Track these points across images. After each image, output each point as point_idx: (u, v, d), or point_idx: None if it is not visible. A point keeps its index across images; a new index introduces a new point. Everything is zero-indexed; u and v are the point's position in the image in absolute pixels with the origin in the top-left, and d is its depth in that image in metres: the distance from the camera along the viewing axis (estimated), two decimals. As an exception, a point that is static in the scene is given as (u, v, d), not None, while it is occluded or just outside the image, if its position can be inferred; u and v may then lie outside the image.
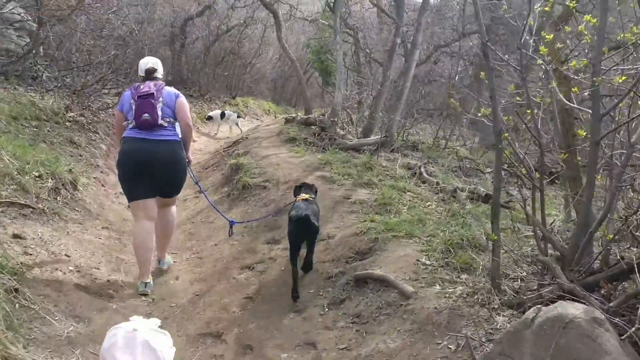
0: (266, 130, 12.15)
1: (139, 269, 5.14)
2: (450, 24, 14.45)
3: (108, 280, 5.18)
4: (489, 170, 8.90)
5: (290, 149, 10.01)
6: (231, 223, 6.02)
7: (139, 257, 5.10)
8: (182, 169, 5.22)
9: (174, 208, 5.65)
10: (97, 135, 9.92)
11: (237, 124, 15.03)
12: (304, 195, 5.40)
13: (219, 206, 7.80)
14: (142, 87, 4.99)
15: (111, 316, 4.45)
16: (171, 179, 5.18)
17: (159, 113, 4.90)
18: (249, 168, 8.66)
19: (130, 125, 4.97)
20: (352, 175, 7.80)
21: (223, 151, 11.15)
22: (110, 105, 11.55)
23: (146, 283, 5.08)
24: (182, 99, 5.20)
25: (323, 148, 9.90)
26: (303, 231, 4.91)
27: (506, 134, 3.73)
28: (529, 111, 3.86)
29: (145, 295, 5.04)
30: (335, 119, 10.49)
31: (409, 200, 7.01)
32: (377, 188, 7.29)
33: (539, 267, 3.87)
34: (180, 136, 5.19)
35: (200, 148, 13.25)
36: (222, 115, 14.93)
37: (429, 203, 7.08)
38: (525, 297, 3.46)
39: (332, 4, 12.15)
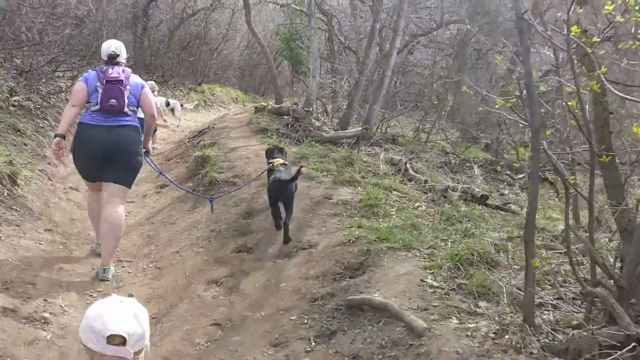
0: (235, 120, 11.18)
1: (96, 233, 5.30)
2: (427, 12, 13.64)
3: (45, 300, 4.23)
4: (476, 167, 8.13)
5: (262, 140, 9.09)
6: (210, 200, 6.01)
7: (95, 224, 5.24)
8: (136, 153, 5.01)
9: (122, 208, 5.05)
10: (46, 122, 8.83)
11: (173, 113, 13.47)
12: (280, 160, 5.85)
13: (182, 204, 6.88)
14: (110, 71, 4.81)
15: (43, 351, 3.51)
16: (126, 159, 4.93)
17: (126, 100, 4.82)
18: (217, 161, 7.72)
19: (93, 109, 4.81)
20: (332, 171, 6.95)
21: (187, 142, 10.16)
22: (64, 89, 10.45)
23: (105, 269, 4.89)
24: (147, 89, 5.12)
25: (297, 140, 9.00)
26: (287, 193, 5.37)
27: (548, 132, 2.91)
28: (570, 103, 3.05)
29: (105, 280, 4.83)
30: (310, 109, 9.60)
31: (396, 201, 6.21)
32: (361, 186, 6.46)
33: (583, 297, 3.08)
34: (138, 124, 5.06)
35: (163, 137, 12.19)
36: (167, 104, 13.54)
37: (418, 204, 6.29)
38: (576, 342, 2.66)
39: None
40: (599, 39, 3.25)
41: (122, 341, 1.82)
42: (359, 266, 4.25)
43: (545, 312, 3.29)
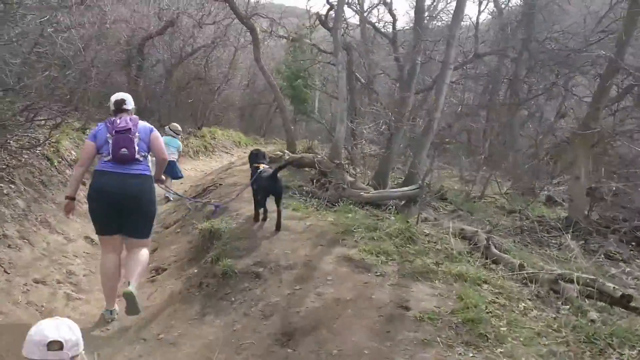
0: (245, 173, 9.22)
1: (105, 299, 5.00)
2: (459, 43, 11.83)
3: None
4: (568, 235, 6.13)
5: (285, 203, 7.13)
6: (216, 207, 6.80)
7: (105, 288, 4.99)
8: (150, 202, 5.02)
9: (146, 251, 5.04)
10: (12, 187, 6.84)
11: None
12: (264, 165, 6.48)
13: (186, 306, 4.88)
14: (118, 121, 4.84)
15: None
16: (142, 209, 4.92)
17: (136, 148, 4.81)
18: (230, 238, 5.73)
19: (106, 159, 4.79)
20: (392, 254, 4.98)
21: (188, 204, 8.15)
22: (41, 141, 8.51)
23: (111, 311, 4.94)
24: (156, 132, 5.10)
25: (329, 202, 7.03)
26: (278, 185, 6.00)
27: None
28: None
29: (111, 321, 4.85)
30: (341, 162, 7.64)
31: (493, 302, 4.22)
32: (441, 280, 4.48)
33: None
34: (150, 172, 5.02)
35: (159, 193, 10.18)
36: None
37: (523, 305, 4.31)
38: None
39: (325, 17, 9.42)
40: None
41: (60, 347, 2.23)
42: None
43: None
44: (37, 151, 8.25)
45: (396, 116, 7.78)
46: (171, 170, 9.94)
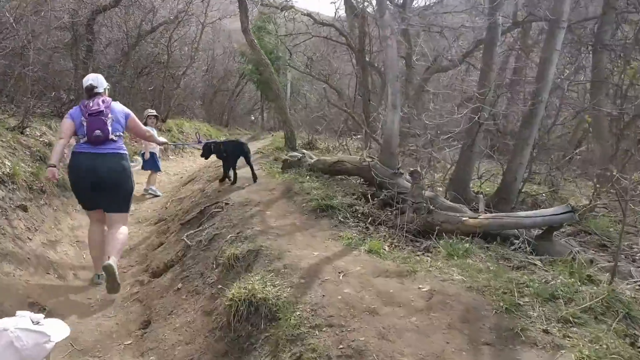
0: (256, 184, 6.61)
1: (94, 264, 5.27)
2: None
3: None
4: None
5: (339, 236, 4.59)
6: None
7: (92, 255, 5.26)
8: (128, 177, 5.15)
9: (124, 228, 5.19)
10: None
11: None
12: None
13: None
14: (91, 104, 4.96)
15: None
16: (118, 185, 5.05)
17: (109, 129, 4.94)
18: (294, 321, 3.15)
19: (82, 141, 4.95)
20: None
21: (186, 237, 5.46)
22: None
23: (99, 275, 5.14)
24: (133, 116, 5.27)
25: (409, 234, 4.52)
26: (245, 147, 6.81)
27: None
28: None
29: (98, 284, 5.08)
30: (418, 171, 5.09)
31: None
32: None
33: None
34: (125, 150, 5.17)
35: (145, 215, 7.48)
36: None
37: None
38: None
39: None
40: None
41: None
42: None
43: None
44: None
45: (479, 97, 5.30)
46: (153, 163, 9.04)
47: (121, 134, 5.11)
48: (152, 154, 8.98)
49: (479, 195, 5.32)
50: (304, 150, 7.34)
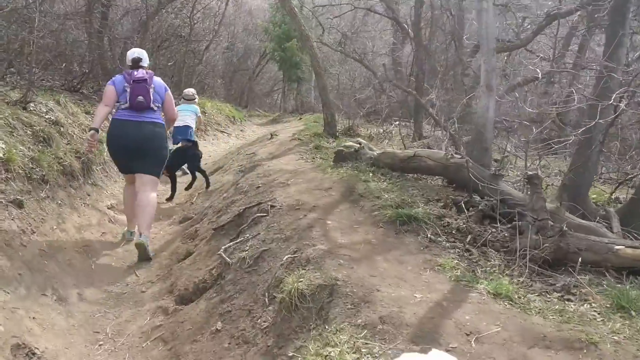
0: (298, 177, 5.34)
1: (127, 221, 5.49)
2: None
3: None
4: None
5: (437, 265, 3.32)
6: None
7: (126, 212, 5.49)
8: (162, 145, 5.24)
9: (153, 194, 5.25)
10: None
11: None
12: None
13: None
14: (135, 73, 5.05)
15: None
16: (152, 151, 5.14)
17: (151, 97, 5.05)
18: None
19: (123, 107, 5.04)
20: None
21: (223, 252, 4.17)
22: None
23: (131, 232, 5.38)
24: (169, 92, 5.38)
25: (535, 263, 3.23)
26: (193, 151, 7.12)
27: None
28: None
29: (130, 241, 5.24)
30: (499, 170, 3.77)
31: None
32: None
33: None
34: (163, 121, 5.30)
35: (166, 210, 6.20)
36: None
37: None
38: None
39: None
40: None
41: None
42: None
43: None
44: None
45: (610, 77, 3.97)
46: (189, 137, 8.33)
47: (160, 105, 5.21)
48: (187, 127, 8.29)
49: (609, 209, 3.99)
50: (361, 140, 6.03)
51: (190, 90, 9.05)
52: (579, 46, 9.61)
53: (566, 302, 2.89)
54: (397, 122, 10.04)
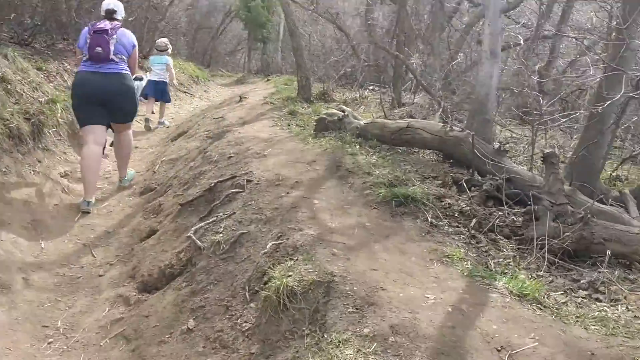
0: (275, 147, 4.81)
1: (84, 188, 4.94)
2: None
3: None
4: None
5: (445, 256, 2.89)
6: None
7: (85, 178, 4.94)
8: (130, 97, 5.17)
9: (129, 132, 5.44)
10: None
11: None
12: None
13: None
14: (98, 24, 4.89)
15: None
16: (120, 105, 5.10)
17: (111, 48, 4.86)
18: None
19: (84, 58, 4.93)
20: None
21: (194, 234, 3.64)
22: None
23: (89, 202, 4.86)
24: (137, 49, 5.32)
25: (555, 255, 2.83)
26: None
27: None
28: None
29: (87, 212, 4.76)
30: (502, 144, 3.37)
31: None
32: None
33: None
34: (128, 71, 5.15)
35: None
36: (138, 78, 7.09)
37: None
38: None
39: None
40: None
41: None
42: None
43: None
44: None
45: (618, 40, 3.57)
46: (162, 93, 8.46)
47: (124, 57, 5.04)
48: (162, 82, 8.34)
49: (625, 192, 3.62)
50: (344, 107, 5.49)
51: (163, 41, 8.66)
52: (562, 12, 9.22)
53: (596, 303, 2.50)
54: (372, 88, 9.53)
